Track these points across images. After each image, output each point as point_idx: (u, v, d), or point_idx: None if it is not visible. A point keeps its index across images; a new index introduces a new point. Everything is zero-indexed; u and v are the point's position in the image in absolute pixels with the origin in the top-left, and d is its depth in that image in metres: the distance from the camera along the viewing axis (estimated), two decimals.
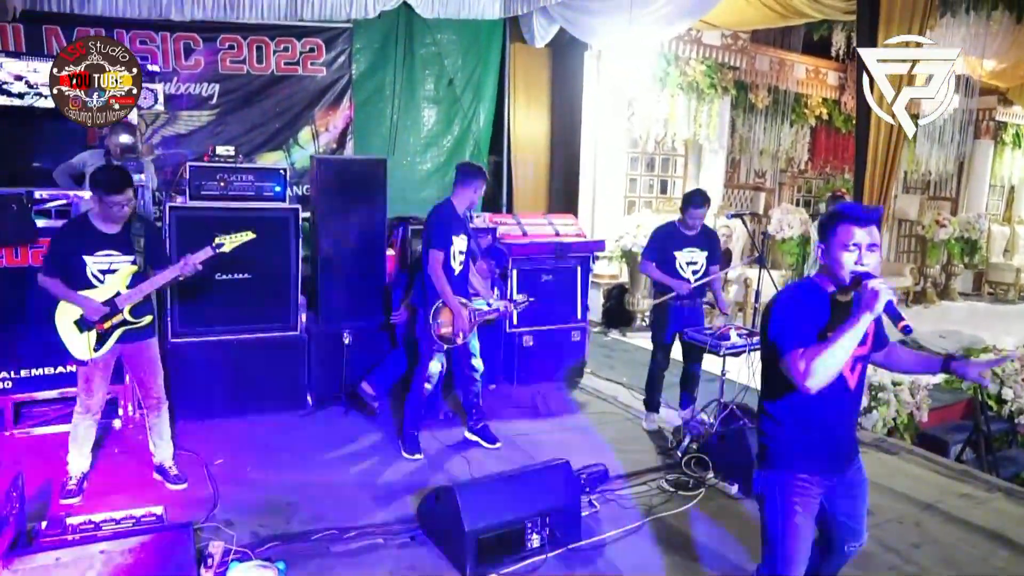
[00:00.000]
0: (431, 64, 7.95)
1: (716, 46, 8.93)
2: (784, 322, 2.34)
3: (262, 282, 5.13)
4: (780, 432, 2.49)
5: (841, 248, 2.32)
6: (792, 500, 2.46)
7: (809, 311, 2.35)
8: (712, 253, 5.08)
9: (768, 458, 2.54)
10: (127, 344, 3.85)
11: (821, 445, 2.47)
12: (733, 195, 10.38)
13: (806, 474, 2.47)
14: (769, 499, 2.53)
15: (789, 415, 2.46)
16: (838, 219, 2.35)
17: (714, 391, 4.99)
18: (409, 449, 4.63)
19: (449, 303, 4.41)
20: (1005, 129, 12.87)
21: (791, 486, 2.47)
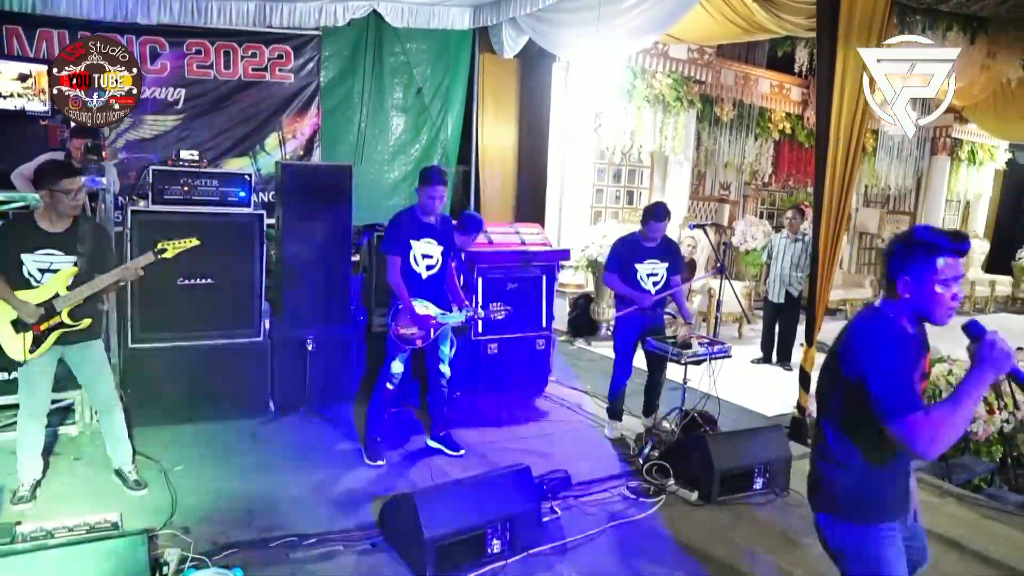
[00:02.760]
0: (400, 73, 7.99)
1: (682, 60, 9.07)
2: (892, 380, 2.03)
3: (225, 288, 5.10)
4: (860, 483, 2.25)
5: (939, 284, 2.07)
6: (887, 555, 2.25)
7: (910, 362, 2.10)
8: (673, 264, 5.15)
9: (846, 509, 2.28)
10: (69, 346, 3.79)
11: (900, 488, 2.32)
12: (698, 207, 10.53)
13: (892, 522, 2.28)
14: (857, 556, 2.29)
15: (872, 467, 2.23)
16: (936, 251, 2.07)
17: (677, 399, 5.06)
18: (371, 456, 4.63)
19: (405, 306, 4.46)
20: (961, 146, 13.22)
21: (883, 538, 2.25)
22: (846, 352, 2.18)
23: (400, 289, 4.46)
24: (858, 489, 2.26)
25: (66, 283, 3.69)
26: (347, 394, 5.63)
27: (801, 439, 5.47)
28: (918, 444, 1.96)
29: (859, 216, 12.61)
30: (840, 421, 2.26)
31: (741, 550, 3.85)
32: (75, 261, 3.71)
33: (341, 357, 5.59)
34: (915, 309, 2.14)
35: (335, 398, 5.54)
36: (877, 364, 2.06)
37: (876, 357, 2.08)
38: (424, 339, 4.59)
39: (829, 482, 2.32)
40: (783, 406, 5.98)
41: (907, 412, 1.98)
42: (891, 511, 2.29)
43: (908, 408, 1.99)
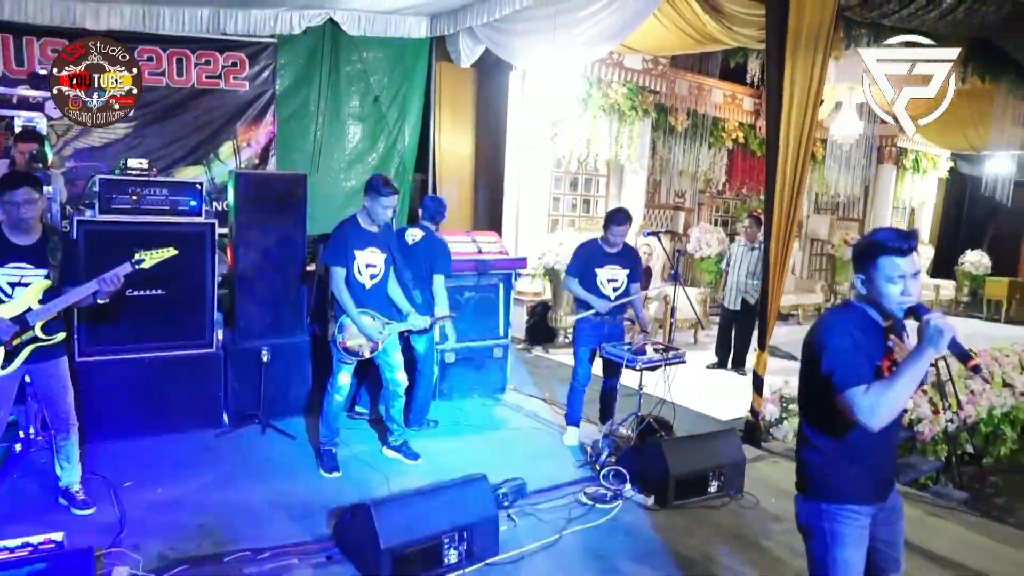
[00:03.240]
0: (357, 81, 7.96)
1: (637, 70, 9.19)
2: (841, 356, 2.24)
3: (176, 298, 5.02)
4: (826, 462, 2.43)
5: (886, 281, 2.26)
6: (842, 532, 2.40)
7: (864, 344, 2.28)
8: (633, 271, 5.21)
9: (813, 488, 2.47)
10: (36, 363, 3.70)
11: (868, 474, 2.41)
12: (654, 214, 10.67)
13: (854, 504, 2.41)
14: (817, 531, 2.45)
15: (835, 445, 2.39)
16: (879, 251, 2.27)
17: (633, 405, 5.11)
18: (327, 467, 4.59)
19: (351, 317, 4.44)
20: (906, 155, 13.63)
21: (840, 517, 2.40)
22: (812, 339, 2.38)
23: (344, 299, 4.43)
24: (824, 468, 2.44)
25: (38, 296, 3.60)
26: (303, 405, 5.57)
27: (755, 442, 5.57)
28: (860, 412, 2.17)
29: (810, 223, 12.90)
30: (810, 405, 2.48)
31: (697, 553, 3.90)
32: (47, 274, 3.63)
33: (296, 368, 5.53)
34: (872, 303, 2.35)
35: (291, 409, 5.48)
36: (830, 342, 2.29)
37: (830, 337, 2.30)
38: (373, 349, 4.57)
39: (803, 463, 2.52)
40: (738, 410, 6.07)
41: (852, 384, 2.19)
42: (855, 494, 2.41)
43: (854, 381, 2.19)
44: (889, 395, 2.14)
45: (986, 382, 7.54)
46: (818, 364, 2.30)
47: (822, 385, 2.29)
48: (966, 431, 7.22)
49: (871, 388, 2.17)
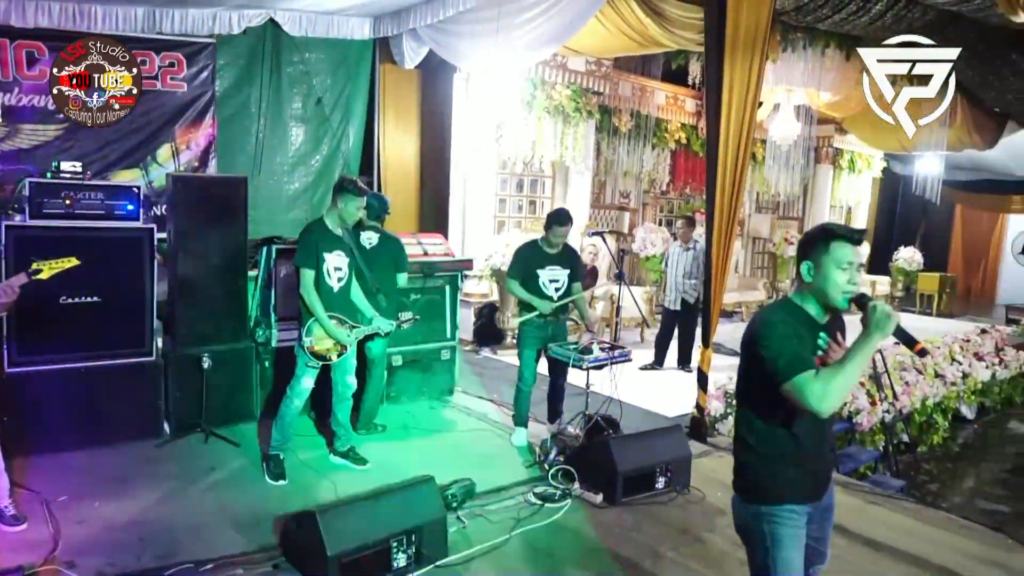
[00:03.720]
0: (299, 82, 7.84)
1: (581, 72, 9.27)
2: (785, 345, 2.26)
3: (113, 305, 4.87)
4: (763, 463, 2.43)
5: (836, 267, 2.28)
6: (781, 533, 2.39)
7: (801, 335, 2.31)
8: (574, 271, 5.25)
9: (752, 490, 2.47)
10: None
11: (805, 474, 2.42)
12: (599, 215, 10.77)
13: (792, 505, 2.40)
14: (757, 533, 2.44)
15: (773, 445, 2.40)
16: (832, 237, 2.31)
17: (581, 404, 5.15)
18: (273, 473, 4.51)
19: (320, 321, 4.37)
20: (842, 155, 14.04)
21: (779, 519, 2.40)
22: (748, 337, 2.38)
23: (313, 302, 4.36)
24: (761, 469, 2.43)
25: None
26: (247, 412, 5.47)
27: (700, 438, 5.67)
28: (810, 399, 2.17)
29: (752, 222, 13.19)
30: (749, 404, 2.46)
31: (645, 548, 3.95)
32: None
33: (240, 374, 5.42)
34: (817, 293, 2.35)
35: (235, 417, 5.37)
36: (771, 333, 2.30)
37: (770, 331, 2.31)
38: (340, 353, 4.53)
39: (740, 465, 2.51)
40: (684, 407, 6.16)
41: (797, 372, 2.20)
42: (793, 494, 2.41)
43: (799, 368, 2.21)
44: (839, 379, 2.16)
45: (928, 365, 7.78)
46: (759, 359, 2.29)
47: (763, 381, 2.30)
48: (902, 421, 7.47)
49: (820, 373, 2.19)
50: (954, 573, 3.85)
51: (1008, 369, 9.57)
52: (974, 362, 9.00)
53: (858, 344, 2.21)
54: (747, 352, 2.40)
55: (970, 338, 9.56)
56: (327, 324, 4.40)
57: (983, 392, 9.10)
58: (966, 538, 4.34)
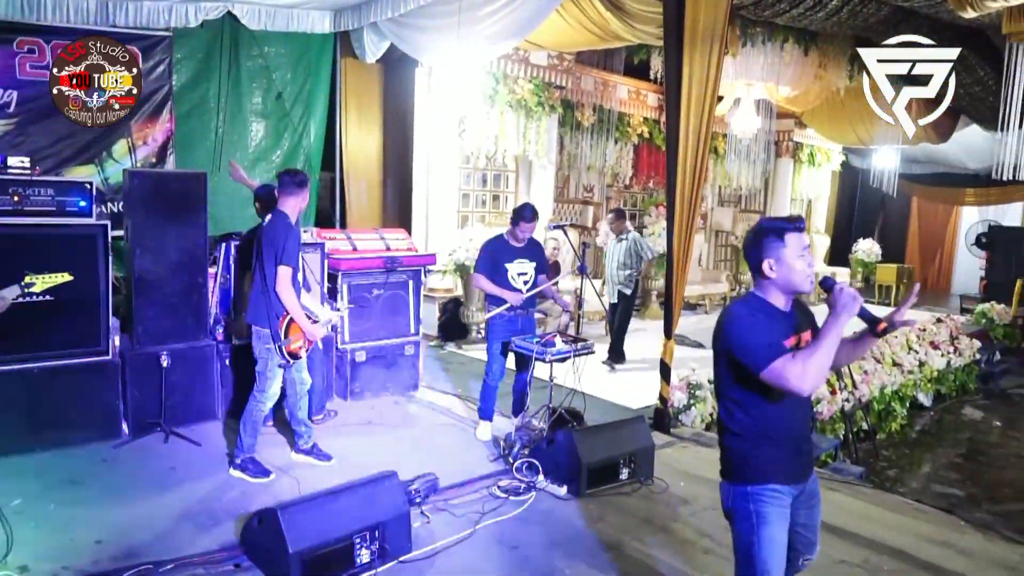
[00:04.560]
0: (259, 77, 7.74)
1: (543, 66, 9.27)
2: (756, 335, 2.38)
3: (67, 304, 4.74)
4: (745, 445, 2.51)
5: (796, 256, 2.41)
6: (766, 511, 2.48)
7: (769, 324, 2.42)
8: (540, 263, 5.28)
9: (736, 472, 2.55)
10: None
11: (787, 454, 2.51)
12: (563, 209, 10.79)
13: (776, 484, 2.49)
14: (742, 512, 2.52)
15: (753, 428, 2.49)
16: (784, 230, 2.43)
17: (545, 397, 5.16)
18: (258, 473, 4.48)
19: (298, 318, 4.34)
20: (801, 149, 14.24)
21: (764, 497, 2.48)
22: (718, 332, 2.50)
23: (293, 300, 4.31)
24: (744, 451, 2.52)
25: None
26: (208, 411, 5.39)
27: (664, 428, 5.73)
28: (790, 381, 2.29)
29: (714, 215, 13.33)
30: (725, 395, 2.56)
31: (609, 539, 3.99)
32: None
33: (200, 373, 5.34)
34: (782, 285, 2.46)
35: (195, 416, 5.29)
36: (740, 328, 2.43)
37: (739, 325, 2.44)
38: (308, 350, 4.53)
39: (725, 450, 2.60)
40: (648, 398, 6.21)
41: (773, 358, 2.32)
42: (775, 474, 2.50)
43: (773, 355, 2.33)
44: (816, 358, 2.28)
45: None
46: (731, 351, 2.43)
47: (736, 372, 2.44)
48: (861, 409, 7.63)
49: (796, 355, 2.31)
50: (907, 554, 3.95)
51: (962, 357, 9.83)
52: (930, 351, 9.22)
53: (828, 324, 2.33)
54: (717, 347, 2.51)
55: (926, 327, 9.79)
56: (303, 321, 4.37)
57: (939, 380, 9.34)
58: (920, 521, 4.45)
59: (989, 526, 4.51)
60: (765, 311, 2.46)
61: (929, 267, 18.67)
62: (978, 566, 3.89)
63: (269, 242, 4.29)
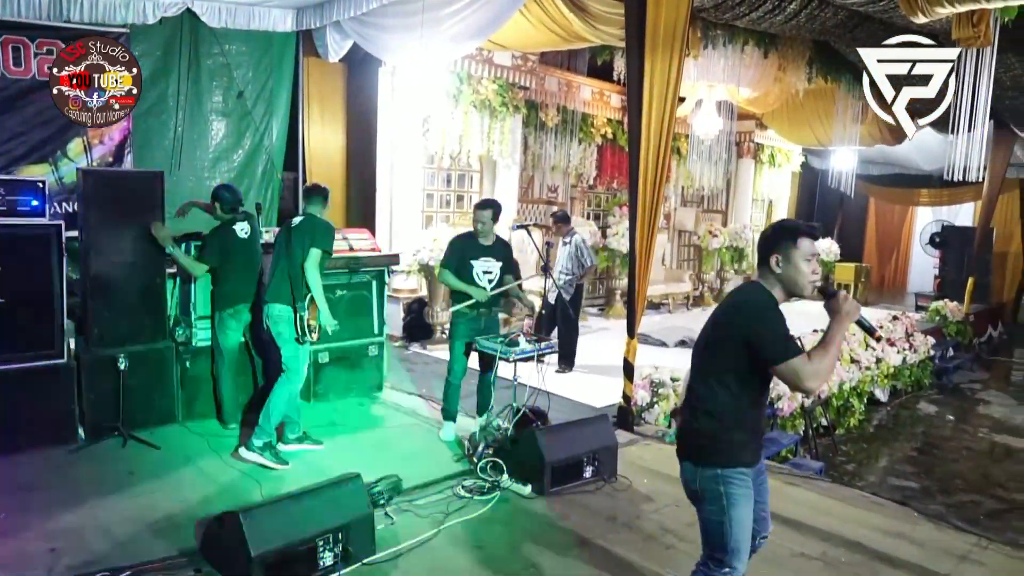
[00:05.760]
0: (219, 75, 7.62)
1: (507, 66, 9.28)
2: (775, 331, 2.49)
3: (18, 306, 4.64)
4: (721, 430, 2.61)
5: (803, 259, 2.55)
6: (736, 493, 2.60)
7: (784, 320, 2.53)
8: (506, 262, 5.29)
9: (709, 455, 2.64)
10: None
11: (753, 439, 2.67)
12: (527, 209, 10.81)
13: (743, 467, 2.62)
14: (713, 494, 2.62)
15: (733, 413, 2.60)
16: (800, 233, 2.58)
17: (510, 396, 5.17)
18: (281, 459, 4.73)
19: (323, 303, 4.80)
20: (763, 150, 14.46)
21: (734, 480, 2.60)
22: (735, 313, 2.61)
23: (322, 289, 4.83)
24: (719, 435, 2.62)
25: None
26: (167, 414, 5.31)
27: (627, 426, 5.77)
28: (806, 379, 2.43)
29: (678, 215, 13.47)
30: (717, 373, 2.62)
31: (573, 537, 4.01)
32: None
33: (159, 375, 5.26)
34: (784, 282, 2.60)
35: (154, 419, 5.22)
36: (766, 319, 2.52)
37: (763, 317, 2.53)
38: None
39: (696, 432, 2.68)
40: (611, 397, 6.26)
41: (794, 355, 2.44)
42: (744, 458, 2.63)
43: (794, 352, 2.45)
44: (827, 361, 2.44)
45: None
46: (750, 337, 2.50)
47: (748, 356, 2.52)
48: (820, 406, 7.77)
49: (812, 356, 2.44)
50: (864, 546, 4.04)
51: (917, 353, 10.07)
52: (887, 347, 9.43)
53: (833, 329, 2.49)
54: (727, 331, 2.60)
55: (883, 324, 10.01)
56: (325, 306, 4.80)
57: (895, 376, 9.56)
58: (876, 513, 4.55)
59: (941, 517, 4.64)
60: (777, 304, 2.58)
61: (886, 266, 19.12)
62: (930, 555, 3.99)
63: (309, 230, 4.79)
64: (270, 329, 4.85)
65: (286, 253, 4.78)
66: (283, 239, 4.86)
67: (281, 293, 4.76)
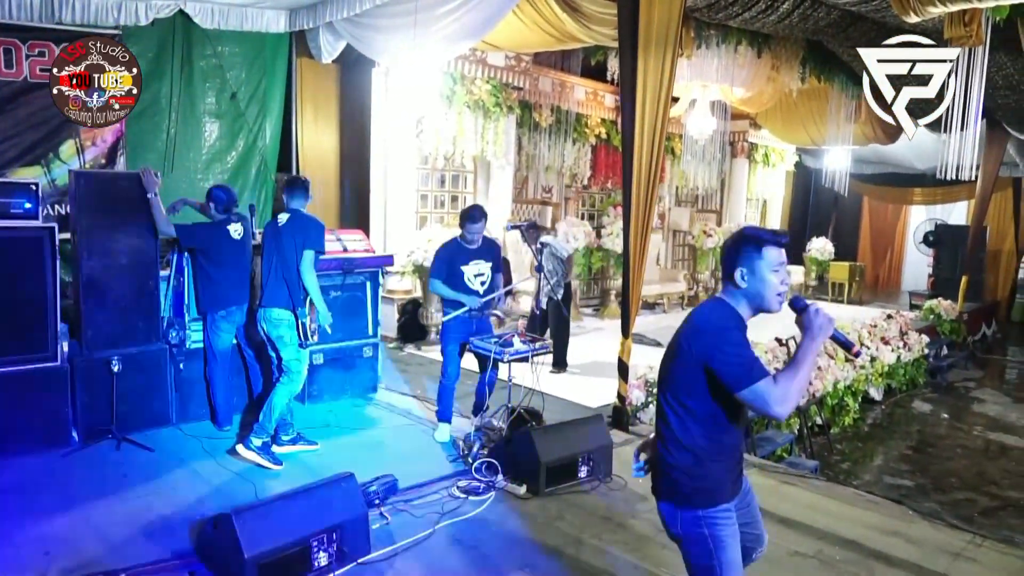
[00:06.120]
0: (212, 76, 7.62)
1: (500, 67, 9.28)
2: (741, 352, 2.27)
3: (11, 309, 4.63)
4: (696, 465, 2.38)
5: (770, 271, 2.33)
6: (722, 535, 2.39)
7: (747, 340, 2.34)
8: (495, 262, 5.29)
9: (685, 496, 2.41)
10: None
11: (730, 471, 2.45)
12: (521, 209, 10.80)
13: (725, 504, 2.42)
14: (697, 538, 2.41)
15: (707, 446, 2.38)
16: (764, 243, 2.35)
17: (505, 397, 5.17)
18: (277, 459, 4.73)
19: (320, 304, 4.81)
20: (756, 149, 14.49)
21: (719, 520, 2.40)
22: (694, 337, 2.36)
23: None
24: (693, 472, 2.39)
25: None
26: (162, 416, 5.29)
27: (622, 426, 5.78)
28: (772, 405, 2.20)
29: (672, 215, 13.48)
30: (685, 403, 2.38)
31: (568, 537, 4.01)
32: None
33: (153, 377, 5.24)
34: (751, 297, 2.37)
35: (148, 422, 5.20)
36: (726, 342, 2.29)
37: (724, 338, 2.30)
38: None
39: (669, 467, 2.43)
40: (606, 397, 6.26)
41: (758, 379, 2.22)
42: (725, 493, 2.43)
43: (758, 375, 2.22)
44: (796, 383, 2.21)
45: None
46: (710, 362, 2.28)
47: (710, 383, 2.31)
48: (815, 404, 7.79)
49: (778, 379, 2.23)
50: (859, 544, 4.04)
51: (912, 352, 10.09)
52: (881, 346, 9.45)
53: (805, 347, 2.27)
54: (688, 357, 2.35)
55: (877, 323, 10.03)
56: (323, 305, 4.84)
57: (889, 374, 9.58)
58: (871, 512, 4.56)
59: (936, 515, 4.65)
60: (740, 326, 2.35)
61: (880, 265, 19.15)
62: (925, 553, 4.00)
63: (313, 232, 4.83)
64: (267, 332, 4.83)
65: (278, 254, 4.75)
66: (272, 238, 4.83)
67: (278, 297, 4.74)
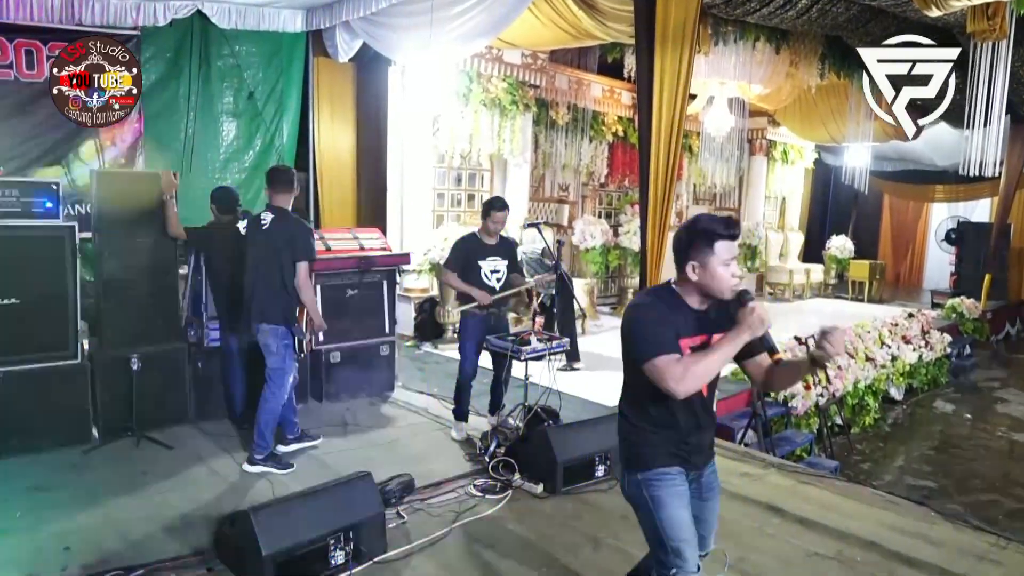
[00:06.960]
0: (230, 76, 7.65)
1: (516, 65, 9.27)
2: (648, 327, 2.39)
3: (33, 307, 4.68)
4: (635, 431, 2.56)
5: (720, 264, 2.37)
6: (660, 495, 2.50)
7: (671, 319, 2.41)
8: (512, 261, 5.28)
9: (631, 460, 2.58)
10: None
11: (672, 439, 2.53)
12: (538, 208, 10.79)
13: (663, 468, 2.52)
14: (639, 499, 2.56)
15: (646, 417, 2.53)
16: (715, 237, 2.38)
17: (521, 396, 5.15)
18: (285, 465, 4.67)
19: (314, 310, 4.67)
20: (775, 147, 14.37)
21: (655, 482, 2.52)
22: (625, 314, 2.53)
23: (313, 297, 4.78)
24: (634, 438, 2.58)
25: None
26: (180, 414, 5.34)
27: None
28: (667, 381, 2.30)
29: (689, 213, 13.40)
30: (625, 379, 2.60)
31: (585, 536, 3.99)
32: None
33: (171, 375, 5.29)
34: (701, 288, 2.44)
35: (167, 419, 5.24)
36: (635, 322, 2.44)
37: (636, 313, 2.46)
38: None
39: (620, 438, 2.64)
40: None
41: (658, 354, 2.33)
42: (661, 457, 2.53)
43: (659, 351, 2.33)
44: (701, 366, 2.31)
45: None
46: (623, 338, 2.46)
47: (632, 360, 2.44)
48: (835, 404, 7.71)
49: (685, 358, 2.33)
50: (880, 546, 3.99)
51: (933, 351, 9.97)
52: (902, 345, 9.34)
53: (726, 338, 2.35)
54: (622, 333, 2.50)
55: (898, 322, 9.91)
56: (319, 316, 4.72)
57: (911, 374, 9.46)
58: (892, 513, 4.50)
59: (959, 516, 4.57)
60: (670, 304, 2.45)
61: (901, 263, 18.93)
62: (948, 555, 3.94)
63: (301, 239, 4.52)
64: (256, 338, 4.66)
65: (265, 264, 4.56)
66: (256, 244, 4.61)
67: (270, 313, 4.55)
